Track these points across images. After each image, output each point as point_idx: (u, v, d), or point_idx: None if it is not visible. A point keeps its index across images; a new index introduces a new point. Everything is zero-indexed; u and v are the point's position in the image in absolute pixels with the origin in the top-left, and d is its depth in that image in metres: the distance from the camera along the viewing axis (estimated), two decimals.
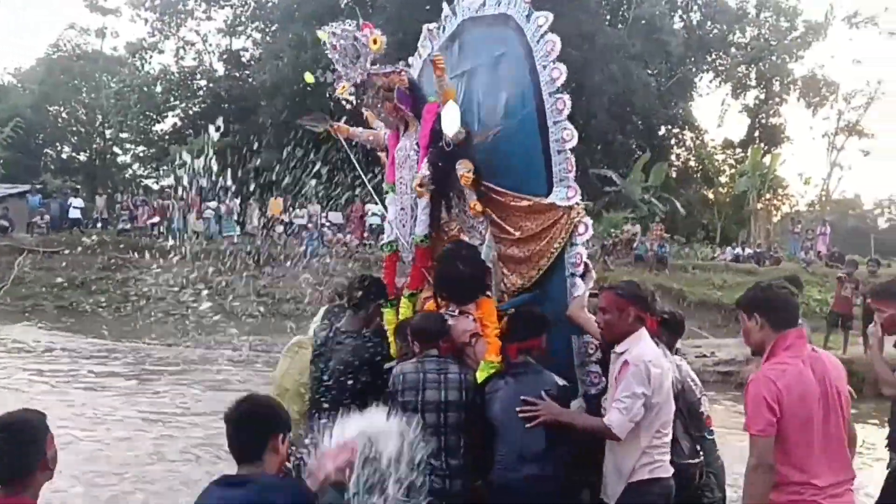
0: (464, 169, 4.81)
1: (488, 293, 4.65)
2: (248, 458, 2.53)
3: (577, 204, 4.61)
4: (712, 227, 33.43)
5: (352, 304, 4.73)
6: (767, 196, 33.84)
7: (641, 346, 3.78)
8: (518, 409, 3.85)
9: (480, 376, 4.16)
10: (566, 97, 4.75)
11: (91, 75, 44.31)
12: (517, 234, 4.87)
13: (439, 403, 4.03)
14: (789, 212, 40.13)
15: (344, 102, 5.56)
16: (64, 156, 46.25)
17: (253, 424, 2.58)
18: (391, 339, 4.67)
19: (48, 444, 2.48)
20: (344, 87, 5.35)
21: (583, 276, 4.54)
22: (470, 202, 4.85)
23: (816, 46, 38.73)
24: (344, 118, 6.13)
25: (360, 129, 6.05)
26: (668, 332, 4.44)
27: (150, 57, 41.07)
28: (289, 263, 25.46)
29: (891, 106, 59.95)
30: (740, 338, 4.78)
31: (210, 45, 40.83)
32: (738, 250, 28.39)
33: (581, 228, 4.60)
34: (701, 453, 4.35)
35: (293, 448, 3.20)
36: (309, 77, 5.92)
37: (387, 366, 4.36)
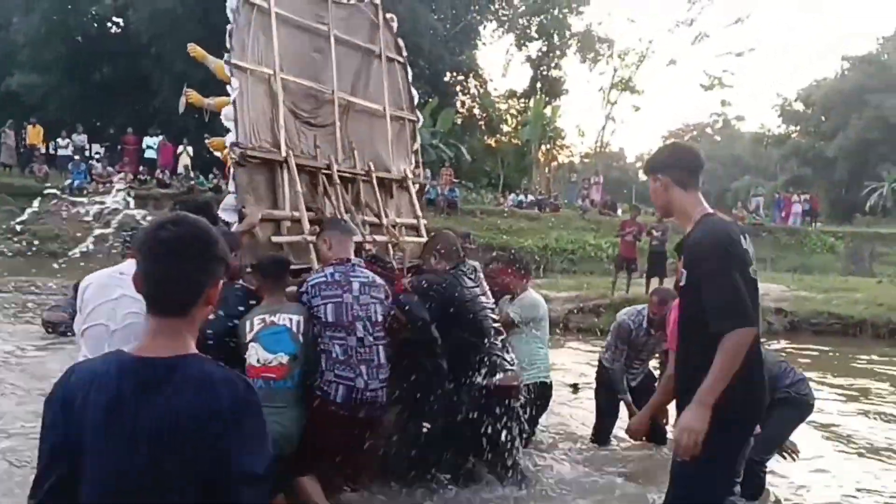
0: None
1: None
2: (172, 310, 1.70)
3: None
4: (495, 175, 34.53)
5: None
6: (547, 146, 35.46)
7: None
8: None
9: None
10: None
11: None
12: None
13: None
14: (565, 162, 42.43)
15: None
16: None
17: (193, 259, 1.70)
18: None
19: None
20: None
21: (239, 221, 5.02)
22: None
23: (595, 2, 40.70)
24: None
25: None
26: None
27: None
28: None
29: (659, 65, 64.74)
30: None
31: None
32: (521, 197, 29.63)
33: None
34: None
35: None
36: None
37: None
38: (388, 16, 7.02)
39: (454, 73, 37.94)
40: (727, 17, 68.02)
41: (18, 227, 22.75)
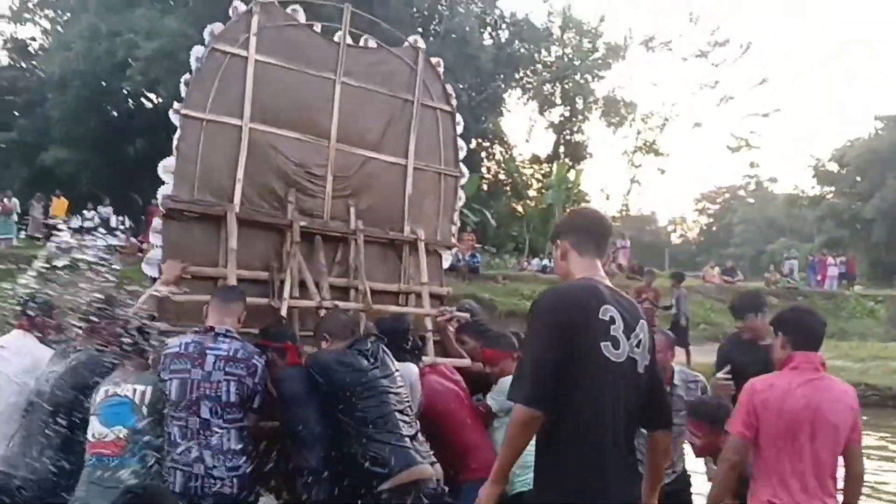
0: None
1: None
2: None
3: None
4: (521, 239, 34.25)
5: None
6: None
7: None
8: None
9: None
10: None
11: None
12: None
13: None
14: None
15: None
16: None
17: None
18: None
19: None
20: None
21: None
22: None
23: (616, 67, 40.63)
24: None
25: None
26: None
27: None
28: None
29: (684, 127, 64.61)
30: None
31: None
32: (546, 261, 29.16)
33: None
34: None
35: None
36: None
37: None
38: (435, 60, 6.49)
39: (479, 140, 38.10)
40: (752, 78, 67.70)
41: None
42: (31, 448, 3.89)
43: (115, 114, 31.97)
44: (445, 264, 6.71)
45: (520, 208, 37.46)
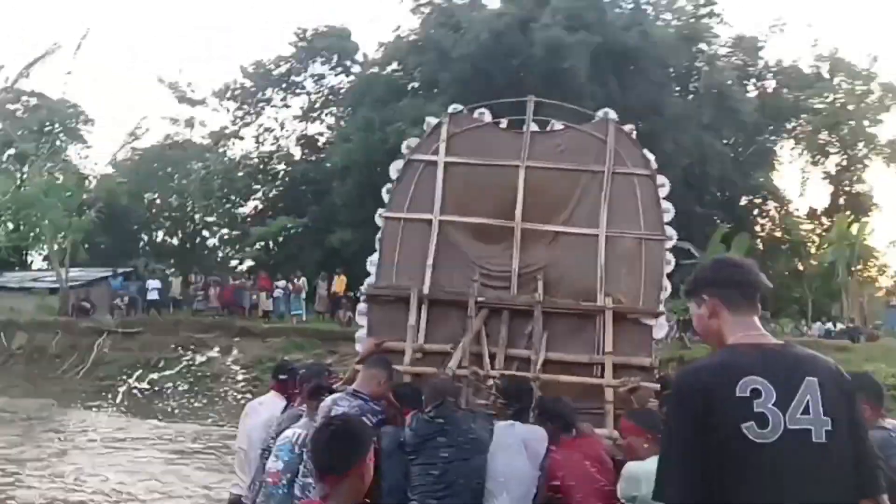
0: None
1: None
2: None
3: None
4: (804, 300, 31.69)
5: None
6: (858, 267, 31.93)
7: None
8: None
9: None
10: None
11: (182, 163, 46.13)
12: None
13: None
14: (890, 284, 37.83)
15: None
16: (158, 239, 47.90)
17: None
18: None
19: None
20: None
21: None
22: None
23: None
24: None
25: None
26: None
27: (233, 143, 42.75)
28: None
29: None
30: None
31: (287, 130, 42.15)
32: (829, 325, 26.68)
33: None
34: None
35: None
36: None
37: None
38: (628, 128, 6.67)
39: (750, 197, 36.23)
40: None
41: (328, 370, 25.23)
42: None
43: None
44: (660, 333, 6.38)
45: (801, 267, 34.82)
